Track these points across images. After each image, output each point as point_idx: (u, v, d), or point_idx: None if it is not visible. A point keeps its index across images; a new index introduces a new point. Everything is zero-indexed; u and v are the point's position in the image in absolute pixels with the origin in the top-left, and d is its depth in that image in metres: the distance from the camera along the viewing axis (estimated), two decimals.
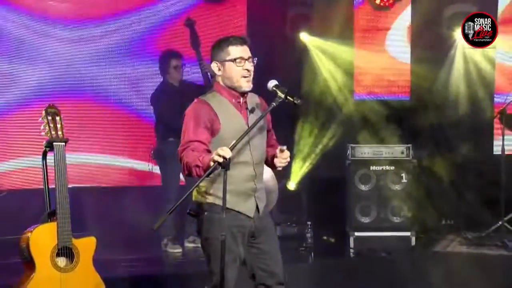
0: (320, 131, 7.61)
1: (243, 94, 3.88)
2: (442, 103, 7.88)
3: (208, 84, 6.76)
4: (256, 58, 3.91)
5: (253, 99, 3.93)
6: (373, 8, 8.02)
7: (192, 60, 6.85)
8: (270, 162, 3.96)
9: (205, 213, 3.78)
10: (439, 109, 7.89)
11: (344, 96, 7.93)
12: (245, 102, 3.89)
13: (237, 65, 3.82)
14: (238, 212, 3.81)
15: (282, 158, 3.83)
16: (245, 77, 3.84)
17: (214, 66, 3.89)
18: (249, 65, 3.84)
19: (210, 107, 3.81)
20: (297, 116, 7.39)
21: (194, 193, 3.85)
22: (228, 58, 3.83)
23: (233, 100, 3.87)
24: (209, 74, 6.78)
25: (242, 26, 7.89)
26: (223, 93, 3.87)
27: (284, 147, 3.85)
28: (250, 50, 3.88)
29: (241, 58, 3.82)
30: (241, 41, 3.88)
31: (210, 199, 3.78)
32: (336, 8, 7.69)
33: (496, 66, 7.82)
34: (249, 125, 3.80)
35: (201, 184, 3.75)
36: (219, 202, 3.72)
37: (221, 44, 3.88)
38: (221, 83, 3.89)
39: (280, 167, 3.88)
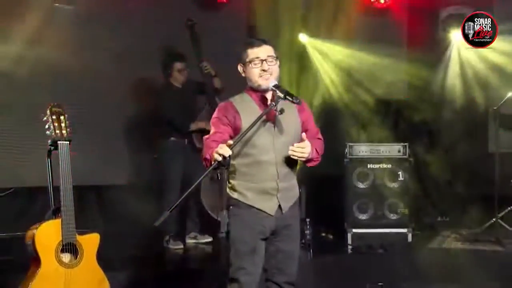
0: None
1: (267, 92, 3.89)
2: (438, 102, 7.95)
3: (209, 84, 6.84)
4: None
5: (285, 101, 3.79)
6: (370, 8, 8.09)
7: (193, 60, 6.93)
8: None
9: (231, 207, 3.85)
10: (435, 108, 7.98)
11: (342, 95, 8.01)
12: (273, 102, 3.83)
13: (253, 66, 3.85)
14: (259, 209, 3.86)
15: (297, 146, 3.76)
16: (261, 76, 3.86)
17: (239, 68, 3.94)
18: (266, 66, 3.84)
19: (232, 105, 3.89)
20: None
21: (227, 187, 3.91)
22: (246, 60, 3.87)
23: (259, 101, 3.91)
24: (210, 74, 6.86)
25: (243, 27, 7.98)
26: (250, 94, 3.93)
27: (304, 135, 3.79)
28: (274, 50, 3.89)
29: (257, 58, 3.84)
30: (258, 41, 3.90)
31: (235, 195, 3.86)
32: (334, 9, 7.76)
33: (491, 67, 7.89)
34: (276, 125, 3.84)
35: (230, 179, 3.86)
36: (242, 199, 3.83)
37: (242, 46, 3.92)
38: (248, 84, 3.94)
39: (293, 156, 3.77)
